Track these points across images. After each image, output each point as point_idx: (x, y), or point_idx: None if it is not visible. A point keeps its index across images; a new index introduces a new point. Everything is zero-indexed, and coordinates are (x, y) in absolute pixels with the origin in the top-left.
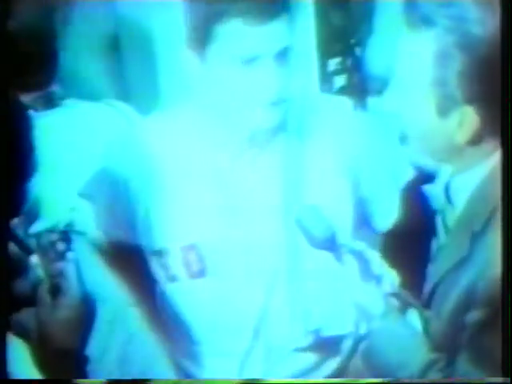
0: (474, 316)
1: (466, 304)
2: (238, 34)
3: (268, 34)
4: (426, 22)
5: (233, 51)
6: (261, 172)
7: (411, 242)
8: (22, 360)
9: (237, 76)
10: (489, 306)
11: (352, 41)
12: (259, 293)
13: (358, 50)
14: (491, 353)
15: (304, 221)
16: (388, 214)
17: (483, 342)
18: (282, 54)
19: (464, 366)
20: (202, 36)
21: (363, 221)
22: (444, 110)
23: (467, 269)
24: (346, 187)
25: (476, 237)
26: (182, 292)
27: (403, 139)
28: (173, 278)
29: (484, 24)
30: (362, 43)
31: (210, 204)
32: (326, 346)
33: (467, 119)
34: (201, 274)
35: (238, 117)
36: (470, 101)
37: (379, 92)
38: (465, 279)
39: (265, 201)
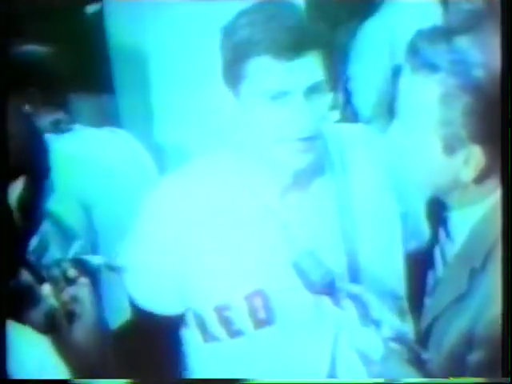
0: (476, 356)
1: (467, 343)
2: (266, 70)
3: (296, 70)
4: (430, 67)
5: (262, 87)
6: (309, 211)
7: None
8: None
9: (267, 112)
10: (489, 345)
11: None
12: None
13: (349, 85)
14: None
15: (302, 265)
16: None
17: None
18: (313, 90)
19: None
20: (235, 72)
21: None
22: (450, 149)
23: (466, 306)
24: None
25: (475, 273)
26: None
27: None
28: (239, 333)
29: (485, 67)
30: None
31: (265, 247)
32: None
33: (473, 157)
34: (268, 321)
35: (272, 155)
36: (474, 140)
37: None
38: (464, 317)
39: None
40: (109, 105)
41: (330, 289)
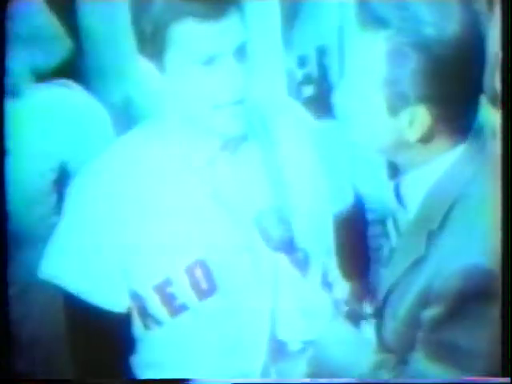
0: (430, 312)
1: (422, 302)
2: (192, 34)
3: (223, 31)
4: (380, 22)
5: (191, 53)
6: (239, 174)
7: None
8: None
9: (199, 78)
10: (446, 301)
11: (320, 49)
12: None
13: (325, 60)
14: (450, 347)
15: (263, 222)
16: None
17: (441, 337)
18: (241, 50)
19: (418, 363)
20: (156, 43)
21: None
22: (395, 109)
23: (424, 268)
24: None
25: (433, 236)
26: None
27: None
28: (182, 308)
29: (438, 26)
30: (329, 51)
31: (197, 215)
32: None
33: (418, 117)
34: (211, 291)
35: (207, 120)
36: (421, 99)
37: None
38: (421, 278)
39: (248, 202)
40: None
41: (289, 247)
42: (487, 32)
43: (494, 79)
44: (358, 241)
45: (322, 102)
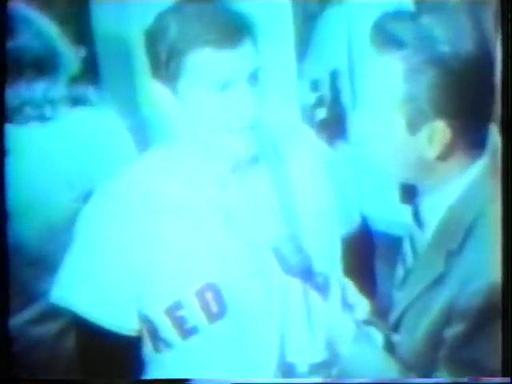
0: (454, 331)
1: (444, 321)
2: (207, 62)
3: (237, 59)
4: (395, 44)
5: (205, 80)
6: (249, 198)
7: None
8: None
9: (213, 103)
10: (470, 319)
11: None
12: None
13: (338, 82)
14: (473, 365)
15: (281, 250)
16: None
17: (464, 355)
18: (254, 77)
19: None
20: (171, 69)
21: None
22: (414, 126)
23: (443, 287)
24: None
25: (452, 255)
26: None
27: None
28: (193, 331)
29: (452, 43)
30: (341, 75)
31: (208, 238)
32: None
33: (437, 133)
34: (221, 314)
35: (218, 144)
36: (440, 115)
37: None
38: (441, 297)
39: (259, 226)
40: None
41: (307, 273)
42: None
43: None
44: (366, 264)
45: (335, 125)
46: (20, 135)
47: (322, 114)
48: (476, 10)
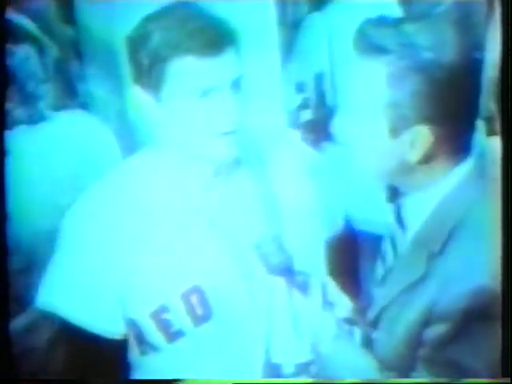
0: (434, 331)
1: (424, 321)
2: (190, 69)
3: (220, 66)
4: (378, 50)
5: (187, 87)
6: (233, 201)
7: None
8: None
9: (195, 109)
10: (451, 321)
11: (317, 75)
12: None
13: (322, 84)
14: (453, 366)
15: (262, 248)
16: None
17: (444, 356)
18: (237, 84)
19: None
20: (153, 76)
21: None
22: (396, 131)
23: (424, 288)
24: None
25: (434, 257)
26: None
27: None
28: (179, 334)
29: (435, 50)
30: (325, 77)
31: (193, 241)
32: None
33: (419, 138)
34: (206, 317)
35: (201, 148)
36: (422, 120)
37: None
38: (422, 298)
39: (244, 229)
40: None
41: (289, 271)
42: (484, 55)
43: (489, 101)
44: (350, 264)
45: (320, 126)
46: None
47: (307, 115)
48: (462, 17)
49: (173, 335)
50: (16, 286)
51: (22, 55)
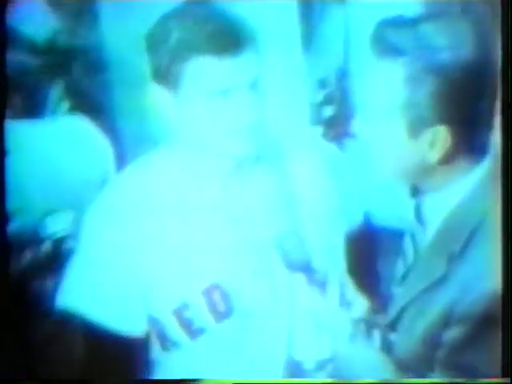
0: (452, 333)
1: (443, 323)
2: (208, 69)
3: (238, 67)
4: (395, 51)
5: (206, 86)
6: (252, 198)
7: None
8: None
9: (213, 107)
10: (469, 323)
11: (339, 71)
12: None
13: (345, 80)
14: (468, 370)
15: (284, 245)
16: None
17: (460, 359)
18: (255, 84)
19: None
20: (172, 74)
21: None
22: (415, 131)
23: (444, 289)
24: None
25: (454, 258)
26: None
27: None
28: (201, 331)
29: (451, 51)
30: (348, 73)
31: (213, 239)
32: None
33: (439, 138)
34: (228, 313)
35: (219, 147)
36: (441, 121)
37: None
38: (442, 299)
39: (263, 225)
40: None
41: (307, 268)
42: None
43: None
44: (370, 260)
45: (342, 122)
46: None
47: (329, 111)
48: (477, 16)
49: (195, 332)
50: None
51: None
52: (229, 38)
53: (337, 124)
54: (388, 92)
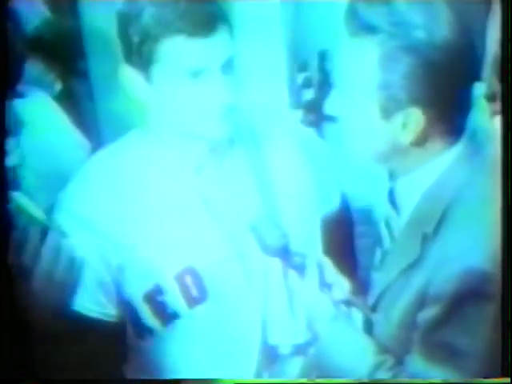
0: (427, 314)
1: (418, 304)
2: (181, 49)
3: (211, 47)
4: (369, 29)
5: (178, 67)
6: (227, 181)
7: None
8: None
9: (185, 90)
10: (443, 303)
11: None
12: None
13: (326, 64)
14: (446, 348)
15: (259, 229)
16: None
17: (437, 338)
18: (229, 65)
19: (415, 364)
20: (144, 55)
21: None
22: (388, 112)
23: (419, 271)
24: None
25: (427, 239)
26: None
27: None
28: (174, 316)
29: (428, 29)
30: (329, 55)
31: (187, 222)
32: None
33: (411, 120)
34: (201, 299)
35: (193, 129)
36: (414, 102)
37: None
38: (417, 280)
39: (238, 209)
40: None
41: (285, 252)
42: (486, 33)
43: (492, 79)
44: (347, 243)
45: (321, 106)
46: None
47: (309, 94)
48: None
49: (167, 317)
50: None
51: None
52: (201, 16)
53: (316, 107)
54: (362, 71)
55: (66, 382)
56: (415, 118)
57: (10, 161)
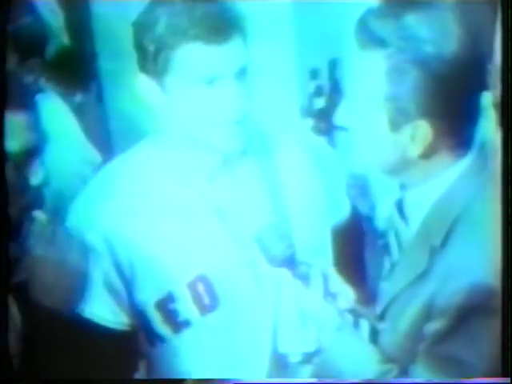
0: (433, 326)
1: (425, 316)
2: (195, 57)
3: (225, 55)
4: (379, 42)
5: (192, 74)
6: (239, 191)
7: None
8: None
9: (200, 97)
10: (449, 316)
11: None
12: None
13: (337, 73)
14: (451, 361)
15: (264, 240)
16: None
17: (442, 350)
18: (242, 73)
19: (419, 374)
20: (159, 63)
21: None
22: (396, 124)
23: (426, 282)
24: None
25: (435, 251)
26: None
27: None
28: (185, 323)
29: (436, 44)
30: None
31: (199, 231)
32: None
33: (420, 132)
34: (213, 306)
35: (206, 137)
36: (423, 115)
37: None
38: (424, 292)
39: (249, 218)
40: None
41: (290, 262)
42: (492, 46)
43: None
44: (356, 253)
45: (332, 114)
46: None
47: (320, 103)
48: (467, 10)
49: (179, 325)
50: None
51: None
52: (216, 24)
53: (327, 116)
54: (371, 84)
55: (66, 382)
56: (423, 131)
57: (34, 180)
